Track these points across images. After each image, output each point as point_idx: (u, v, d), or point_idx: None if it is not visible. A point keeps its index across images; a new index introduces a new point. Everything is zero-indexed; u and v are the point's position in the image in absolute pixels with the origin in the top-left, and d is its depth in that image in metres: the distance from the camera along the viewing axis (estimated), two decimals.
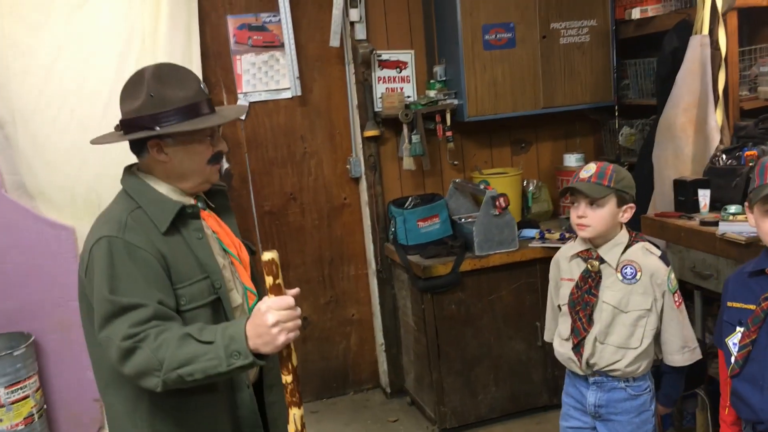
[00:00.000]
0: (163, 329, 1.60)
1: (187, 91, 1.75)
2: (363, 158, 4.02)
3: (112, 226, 1.69)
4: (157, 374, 1.57)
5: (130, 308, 1.61)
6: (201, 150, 1.79)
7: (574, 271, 2.33)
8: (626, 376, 2.26)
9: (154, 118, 1.72)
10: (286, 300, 1.55)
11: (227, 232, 1.88)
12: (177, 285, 1.71)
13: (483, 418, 3.74)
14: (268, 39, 3.89)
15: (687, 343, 2.24)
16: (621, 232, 2.27)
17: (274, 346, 1.54)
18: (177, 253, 1.73)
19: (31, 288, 3.59)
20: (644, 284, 2.21)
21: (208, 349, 1.55)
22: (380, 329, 4.22)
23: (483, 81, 3.78)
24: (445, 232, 3.78)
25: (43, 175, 3.54)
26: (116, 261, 1.64)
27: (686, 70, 3.17)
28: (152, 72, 1.75)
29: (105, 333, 1.62)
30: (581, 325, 2.27)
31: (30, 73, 3.42)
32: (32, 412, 3.46)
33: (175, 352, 1.55)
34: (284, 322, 1.54)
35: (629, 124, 4.00)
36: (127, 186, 1.81)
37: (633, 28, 3.80)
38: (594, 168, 2.24)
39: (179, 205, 1.76)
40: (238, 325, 1.57)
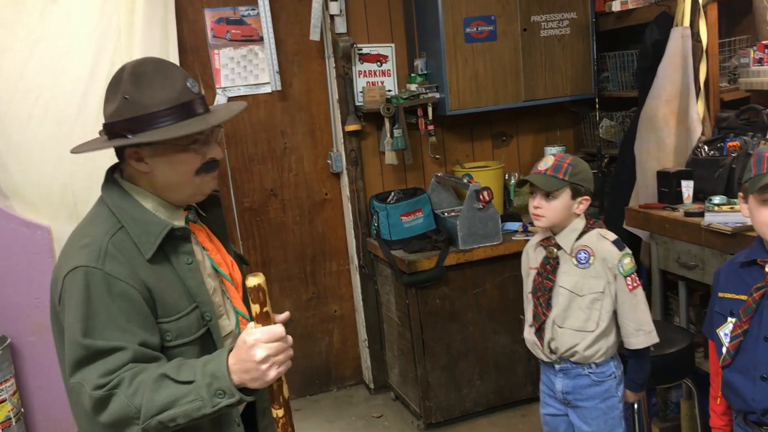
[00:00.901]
0: (138, 371, 1.42)
1: (167, 92, 1.51)
2: (344, 153, 3.99)
3: (90, 255, 1.47)
4: (136, 422, 1.40)
5: (106, 353, 1.43)
6: (186, 160, 1.55)
7: (538, 258, 2.40)
8: (587, 360, 2.31)
9: (128, 124, 1.50)
10: (276, 331, 1.38)
11: (219, 248, 1.69)
12: (163, 319, 1.52)
13: (468, 412, 3.74)
14: (246, 33, 3.83)
15: (641, 326, 2.28)
16: (577, 219, 2.34)
17: (263, 382, 1.39)
18: (163, 283, 1.53)
19: (6, 289, 3.50)
20: (597, 268, 2.28)
21: (188, 390, 1.38)
22: (363, 325, 4.20)
23: (464, 74, 3.76)
24: (429, 226, 3.76)
25: (17, 173, 3.44)
26: (93, 296, 1.45)
27: (667, 62, 3.18)
28: (130, 70, 1.53)
29: (76, 378, 1.44)
30: (541, 310, 2.34)
31: (3, 69, 3.33)
32: (9, 416, 3.37)
33: (152, 396, 1.38)
34: (274, 356, 1.38)
35: (609, 117, 4.02)
36: (109, 200, 1.58)
37: (613, 21, 3.81)
38: (551, 161, 2.31)
39: (167, 227, 1.54)
40: (219, 359, 1.40)
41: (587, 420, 2.33)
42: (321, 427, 3.89)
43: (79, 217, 3.57)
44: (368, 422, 3.90)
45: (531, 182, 2.30)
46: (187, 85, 1.55)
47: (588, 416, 2.33)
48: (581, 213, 2.32)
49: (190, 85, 1.56)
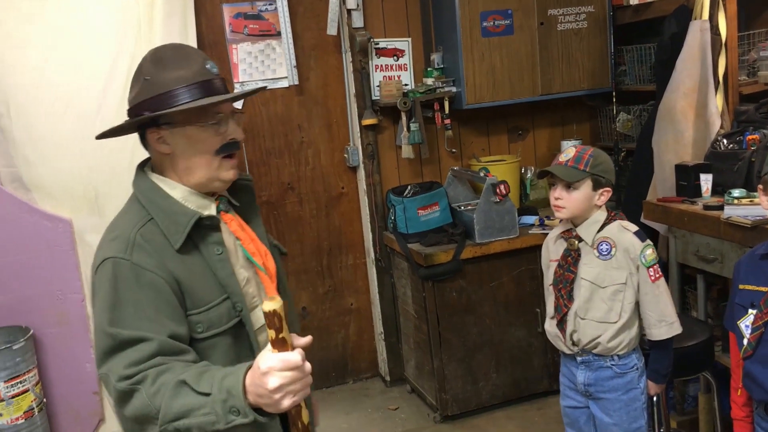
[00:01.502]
0: (163, 370, 1.40)
1: (185, 71, 1.52)
2: (361, 147, 4.01)
3: (119, 246, 1.49)
4: (155, 422, 1.38)
5: (131, 343, 1.42)
6: (204, 138, 1.54)
7: (559, 250, 2.41)
8: (609, 352, 2.31)
9: (149, 104, 1.52)
10: (291, 360, 1.29)
11: (252, 238, 1.65)
12: (193, 311, 1.51)
13: (484, 405, 3.76)
14: (264, 28, 3.86)
15: (664, 317, 2.29)
16: (599, 211, 2.34)
17: (277, 410, 1.32)
18: (193, 273, 1.52)
19: (29, 281, 3.55)
20: (619, 259, 2.28)
21: (203, 402, 1.33)
22: (379, 318, 4.22)
23: (481, 68, 3.77)
24: (445, 219, 3.78)
25: (39, 167, 3.49)
26: (120, 286, 1.45)
27: (686, 55, 3.18)
28: (151, 54, 1.56)
29: (103, 369, 1.44)
30: (563, 302, 2.35)
31: (25, 64, 3.37)
32: (32, 406, 3.42)
33: (170, 402, 1.35)
34: (288, 385, 1.29)
35: (626, 110, 4.01)
36: (138, 191, 1.58)
37: (630, 14, 3.80)
38: (572, 152, 2.32)
39: (195, 217, 1.53)
40: (236, 375, 1.34)
41: (609, 412, 2.34)
42: (338, 419, 3.92)
43: (99, 210, 3.66)
44: (384, 414, 3.93)
45: (552, 173, 2.30)
46: (206, 66, 1.56)
47: (610, 408, 2.34)
48: (602, 204, 2.32)
49: (209, 66, 1.57)
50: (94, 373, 3.71)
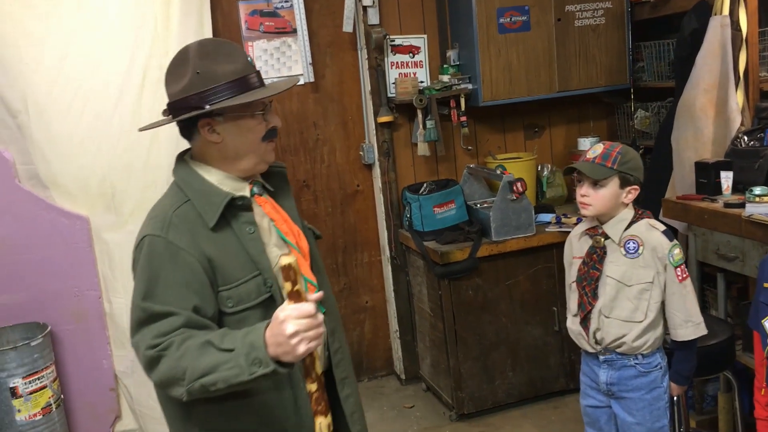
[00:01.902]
0: (187, 337, 1.52)
1: (235, 65, 1.65)
2: (376, 144, 4.00)
3: (157, 224, 1.62)
4: (182, 384, 1.49)
5: (161, 316, 1.55)
6: (254, 126, 1.68)
7: (583, 248, 2.38)
8: (634, 351, 2.29)
9: (202, 97, 1.61)
10: (306, 308, 1.44)
11: (285, 219, 1.76)
12: (223, 287, 1.62)
13: (500, 403, 3.74)
14: (279, 25, 3.85)
15: (691, 317, 2.26)
16: (626, 209, 2.32)
17: (294, 357, 1.44)
18: (226, 251, 1.63)
19: (46, 278, 3.57)
20: (646, 258, 2.26)
21: (228, 358, 1.46)
22: (394, 316, 4.21)
23: (498, 65, 3.75)
24: (461, 217, 3.76)
25: (56, 164, 3.50)
26: (155, 262, 1.58)
27: (706, 51, 3.14)
28: (196, 49, 1.66)
29: (134, 339, 1.58)
30: (587, 300, 2.33)
31: (43, 62, 3.38)
32: (50, 402, 3.44)
33: (196, 361, 1.48)
34: (304, 332, 1.43)
35: (644, 107, 3.98)
36: (177, 177, 1.72)
37: (649, 10, 3.76)
38: (600, 149, 2.29)
39: (228, 197, 1.65)
40: (257, 331, 1.47)
41: (632, 411, 2.32)
42: None
43: (116, 208, 3.68)
44: (400, 412, 3.92)
45: (578, 170, 2.28)
46: (249, 60, 1.70)
47: (633, 407, 2.32)
48: (629, 202, 2.30)
49: (250, 60, 1.71)
50: (110, 370, 3.73)
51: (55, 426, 3.47)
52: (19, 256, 3.52)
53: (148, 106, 3.47)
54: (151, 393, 3.59)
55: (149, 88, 3.46)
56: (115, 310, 3.66)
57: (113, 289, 3.64)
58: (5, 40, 3.34)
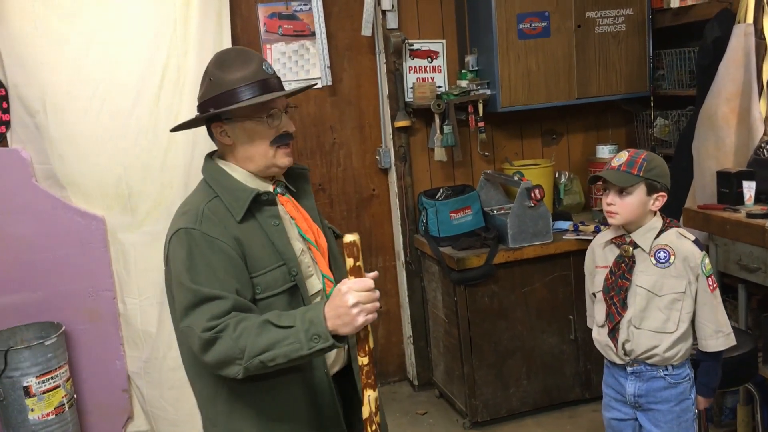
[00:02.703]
0: (241, 318, 1.61)
1: (244, 71, 1.73)
2: (393, 149, 3.98)
3: (189, 218, 1.70)
4: (239, 362, 1.58)
5: (210, 299, 1.62)
6: (260, 131, 1.75)
7: (609, 257, 2.35)
8: (665, 362, 2.26)
9: (214, 102, 1.73)
10: (366, 282, 1.57)
11: (305, 218, 1.85)
12: (253, 274, 1.70)
13: (514, 412, 3.71)
14: (298, 28, 3.85)
15: (721, 327, 2.23)
16: (654, 217, 2.29)
17: (353, 327, 1.55)
18: (253, 242, 1.72)
19: (61, 277, 3.57)
20: (678, 268, 2.23)
21: (288, 334, 1.57)
22: (408, 321, 4.19)
23: (517, 71, 3.73)
24: (478, 223, 3.74)
25: (73, 164, 3.51)
26: (194, 251, 1.66)
27: (729, 60, 3.11)
28: (215, 58, 1.78)
29: (186, 323, 1.64)
30: (615, 310, 2.29)
31: (62, 61, 3.39)
32: (63, 402, 3.44)
33: (256, 339, 1.57)
34: (364, 304, 1.55)
35: (664, 115, 3.94)
36: (206, 174, 1.81)
37: (670, 17, 3.73)
38: (625, 156, 2.26)
39: (254, 192, 1.74)
40: (317, 308, 1.59)
41: (659, 423, 2.28)
42: None
43: (132, 209, 3.68)
44: (413, 419, 3.89)
45: (604, 178, 2.25)
46: (263, 66, 1.75)
47: (661, 420, 2.28)
48: (657, 210, 2.27)
49: (264, 67, 1.76)
50: (123, 371, 3.73)
51: (67, 426, 3.47)
52: (35, 255, 3.53)
53: (165, 107, 3.47)
54: (164, 394, 3.62)
55: (167, 88, 3.46)
56: (129, 310, 3.66)
57: (128, 290, 3.64)
58: (25, 39, 3.35)
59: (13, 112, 3.48)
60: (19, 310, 3.54)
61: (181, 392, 3.47)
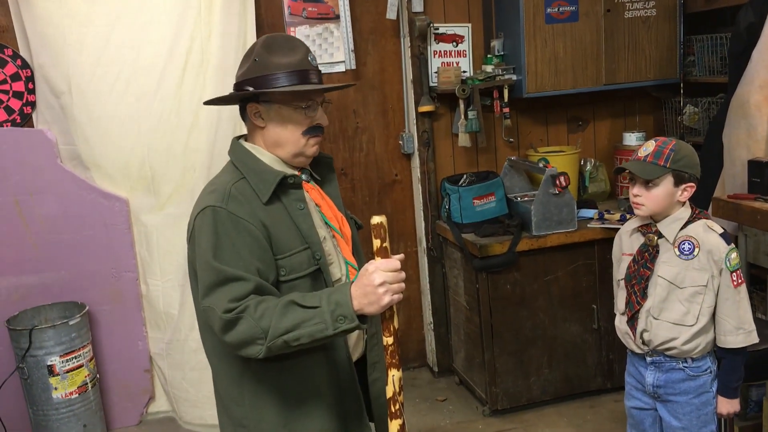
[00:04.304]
0: (261, 300, 1.62)
1: (290, 58, 1.74)
2: (416, 134, 3.94)
3: (217, 197, 1.71)
4: (261, 342, 1.60)
5: (233, 279, 1.63)
6: (295, 119, 1.76)
7: (634, 245, 2.32)
8: (684, 355, 2.22)
9: (254, 82, 1.74)
10: (393, 262, 1.58)
11: (330, 205, 1.87)
12: (278, 256, 1.72)
13: (535, 400, 3.68)
14: (322, 11, 3.81)
15: (742, 324, 2.18)
16: (682, 208, 2.24)
17: (379, 306, 1.56)
18: (279, 224, 1.73)
19: (85, 258, 3.60)
20: (701, 260, 2.18)
21: (313, 314, 1.58)
22: (429, 308, 4.17)
23: (543, 56, 3.67)
24: (501, 210, 3.70)
25: (97, 146, 3.53)
26: (220, 230, 1.67)
27: (763, 47, 3.03)
28: (263, 40, 1.79)
29: (207, 302, 1.65)
30: (635, 298, 2.26)
31: (87, 43, 3.40)
32: (86, 381, 3.48)
33: (281, 319, 1.58)
34: (390, 283, 1.56)
35: (693, 103, 3.87)
36: (233, 156, 1.83)
37: (702, 2, 3.65)
38: (652, 146, 2.21)
39: (280, 175, 1.75)
40: (343, 289, 1.60)
41: (678, 415, 2.25)
42: None
43: (155, 191, 3.70)
44: (432, 405, 3.88)
45: (629, 170, 2.20)
46: (308, 57, 1.77)
47: (680, 411, 2.25)
48: (685, 200, 2.22)
49: (310, 58, 1.78)
50: (146, 351, 3.76)
51: (90, 405, 3.51)
52: (59, 235, 3.56)
53: (188, 90, 3.46)
54: (185, 375, 3.64)
55: (191, 71, 3.46)
56: (152, 292, 3.68)
57: (150, 272, 3.66)
58: (51, 20, 3.36)
59: (39, 93, 3.50)
60: (44, 289, 3.58)
61: (202, 374, 3.49)
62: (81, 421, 3.47)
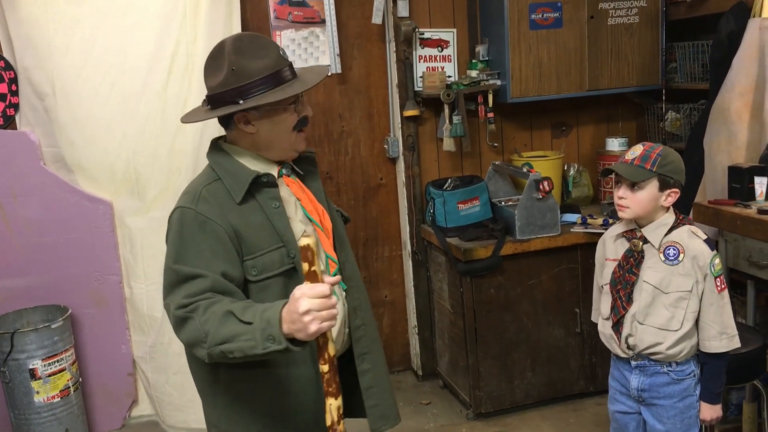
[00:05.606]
0: (213, 302, 1.60)
1: (267, 60, 1.74)
2: (401, 138, 3.96)
3: (188, 199, 1.74)
4: (204, 346, 1.58)
5: (190, 278, 1.64)
6: (286, 118, 1.78)
7: (619, 250, 2.33)
8: (669, 359, 2.25)
9: (237, 92, 1.72)
10: (320, 288, 1.49)
11: (311, 199, 1.87)
12: (248, 256, 1.72)
13: (518, 404, 3.70)
14: (308, 15, 3.82)
15: (726, 329, 2.21)
16: (667, 213, 2.26)
17: (306, 334, 1.49)
18: (252, 224, 1.73)
19: (68, 261, 3.58)
20: (686, 266, 2.20)
21: (246, 330, 1.53)
22: (413, 311, 4.18)
23: (527, 62, 3.70)
24: (485, 214, 3.72)
25: (82, 148, 3.51)
26: (185, 231, 1.69)
27: (743, 54, 3.08)
28: (232, 44, 1.75)
29: (166, 300, 1.67)
30: (620, 304, 2.28)
31: (72, 45, 3.39)
32: (68, 385, 3.46)
33: (218, 328, 1.56)
34: (317, 311, 1.48)
35: (675, 109, 3.91)
36: (210, 158, 1.83)
37: (684, 10, 3.69)
38: (640, 150, 2.24)
39: (253, 174, 1.75)
40: (275, 308, 1.54)
41: (662, 419, 2.27)
42: None
43: (140, 194, 3.69)
44: (416, 408, 3.89)
45: (616, 172, 2.23)
46: (280, 53, 1.78)
47: (664, 415, 2.27)
48: (669, 206, 2.25)
49: (282, 54, 1.78)
50: (129, 355, 3.74)
51: (72, 409, 3.49)
52: (42, 238, 3.53)
53: (174, 92, 3.46)
54: (169, 379, 3.63)
55: (176, 74, 3.45)
56: (135, 295, 3.67)
57: (134, 275, 3.64)
58: (36, 22, 3.35)
59: (23, 95, 3.48)
60: (26, 292, 3.55)
61: (186, 377, 3.44)
62: (63, 425, 3.44)
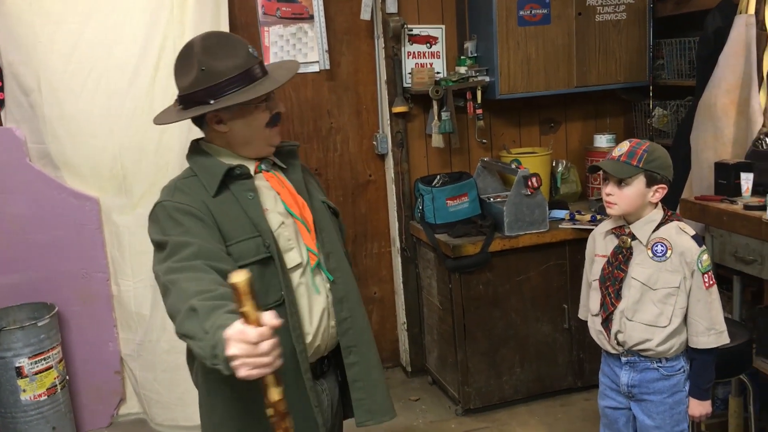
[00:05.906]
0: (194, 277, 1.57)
1: (236, 60, 1.75)
2: (390, 135, 3.96)
3: (165, 193, 1.78)
4: (175, 324, 1.57)
5: (178, 245, 1.64)
6: (258, 116, 1.79)
7: (608, 247, 2.34)
8: (659, 356, 2.25)
9: (208, 92, 1.73)
10: (248, 335, 1.33)
11: (290, 192, 1.87)
12: (226, 242, 1.73)
13: (507, 400, 3.71)
14: (296, 11, 3.81)
15: (714, 325, 2.21)
16: (655, 210, 2.27)
17: (239, 376, 1.36)
18: (227, 213, 1.75)
19: (55, 258, 3.56)
20: (674, 262, 2.21)
21: (201, 338, 1.45)
22: (402, 308, 4.19)
23: (516, 58, 3.70)
24: (474, 211, 3.72)
25: (68, 144, 3.48)
26: (163, 217, 1.72)
27: (730, 51, 3.09)
28: (200, 44, 1.76)
29: (155, 269, 1.68)
30: (609, 300, 2.28)
31: (58, 41, 3.36)
32: (55, 383, 3.44)
33: (183, 320, 1.51)
34: (244, 357, 1.33)
35: (662, 105, 3.93)
36: (188, 159, 1.86)
37: (672, 6, 3.71)
38: (626, 147, 2.24)
39: (226, 167, 1.77)
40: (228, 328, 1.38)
41: (652, 414, 2.28)
42: None
43: (127, 190, 3.67)
44: (405, 405, 3.90)
45: (603, 169, 2.23)
46: (249, 51, 1.79)
47: (653, 410, 2.28)
48: (657, 202, 2.25)
49: (251, 51, 1.79)
50: (116, 353, 3.72)
51: (59, 407, 3.47)
52: (28, 235, 3.51)
53: (161, 88, 3.44)
54: (157, 377, 3.62)
55: (163, 70, 3.43)
56: (123, 293, 3.64)
57: (121, 272, 3.62)
58: (21, 18, 3.32)
59: (8, 91, 3.45)
60: (12, 290, 3.52)
61: (174, 375, 3.47)
62: (50, 424, 3.42)
